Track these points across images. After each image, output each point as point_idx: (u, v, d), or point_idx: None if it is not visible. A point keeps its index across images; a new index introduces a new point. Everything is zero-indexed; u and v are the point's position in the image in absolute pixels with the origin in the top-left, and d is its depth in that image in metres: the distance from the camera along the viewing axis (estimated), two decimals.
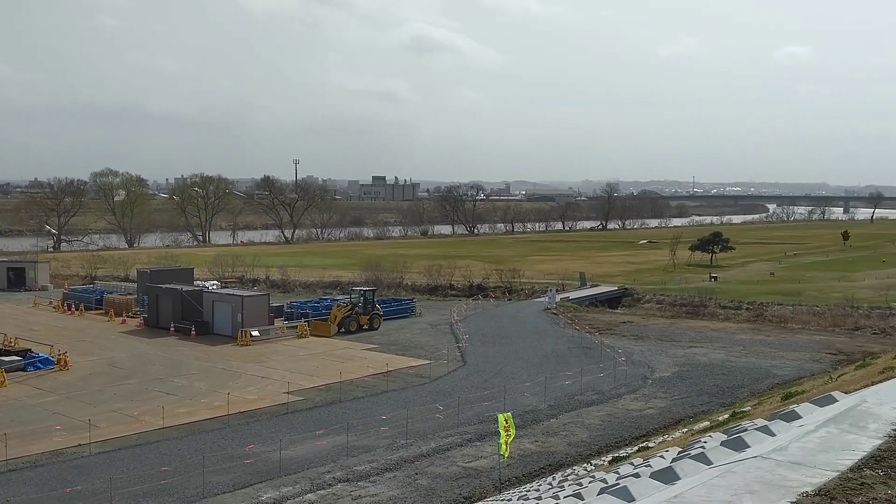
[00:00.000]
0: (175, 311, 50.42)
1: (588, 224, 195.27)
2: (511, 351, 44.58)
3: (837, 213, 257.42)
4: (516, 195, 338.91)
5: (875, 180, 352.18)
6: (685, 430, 23.26)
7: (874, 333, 50.00)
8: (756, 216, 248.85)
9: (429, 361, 41.10)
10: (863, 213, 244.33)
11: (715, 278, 75.84)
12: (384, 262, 77.95)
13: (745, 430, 8.23)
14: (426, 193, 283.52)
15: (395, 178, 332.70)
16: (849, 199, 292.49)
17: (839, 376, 18.25)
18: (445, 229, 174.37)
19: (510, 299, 67.90)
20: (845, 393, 10.39)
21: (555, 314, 57.16)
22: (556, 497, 11.76)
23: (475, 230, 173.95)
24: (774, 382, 36.27)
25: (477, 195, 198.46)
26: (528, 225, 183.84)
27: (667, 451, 12.72)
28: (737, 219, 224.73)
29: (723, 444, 7.79)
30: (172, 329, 49.26)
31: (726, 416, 20.42)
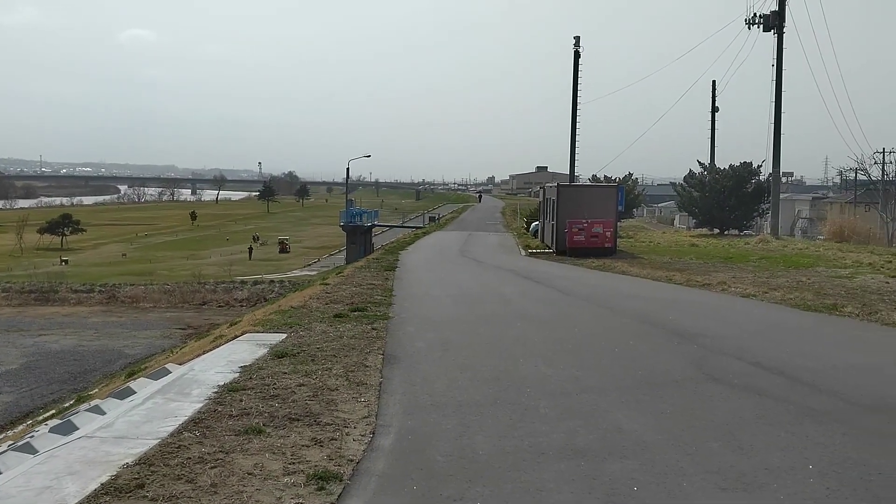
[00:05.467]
0: None
1: None
2: None
3: (186, 194, 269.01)
4: None
5: (219, 164, 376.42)
6: (30, 422, 22.06)
7: (220, 306, 54.36)
8: (108, 197, 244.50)
9: None
10: (209, 194, 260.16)
11: (66, 262, 73.57)
12: None
13: (77, 412, 8.24)
14: None
15: None
16: (196, 182, 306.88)
17: (180, 349, 19.47)
18: None
19: None
20: (179, 364, 11.15)
21: None
22: None
23: None
24: (127, 362, 36.67)
25: None
26: None
27: None
28: (88, 200, 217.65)
29: (51, 430, 7.66)
30: None
31: (73, 402, 20.02)
